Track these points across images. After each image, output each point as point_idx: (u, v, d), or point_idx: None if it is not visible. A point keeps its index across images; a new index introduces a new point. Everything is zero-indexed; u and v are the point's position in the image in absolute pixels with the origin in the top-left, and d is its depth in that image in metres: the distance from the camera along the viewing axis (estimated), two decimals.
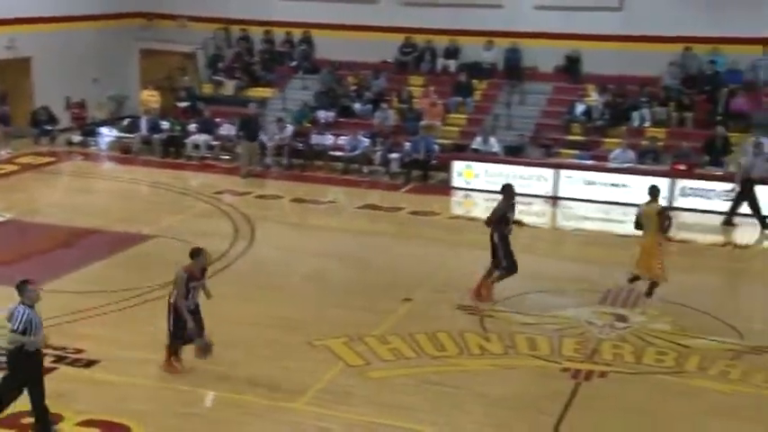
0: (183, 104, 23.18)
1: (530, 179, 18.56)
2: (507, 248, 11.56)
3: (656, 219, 11.49)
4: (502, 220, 11.60)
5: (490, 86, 22.30)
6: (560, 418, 8.33)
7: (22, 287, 7.69)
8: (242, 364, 9.40)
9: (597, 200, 17.92)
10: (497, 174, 18.68)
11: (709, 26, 20.13)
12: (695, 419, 8.40)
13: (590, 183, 18.23)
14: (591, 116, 20.41)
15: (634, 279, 11.96)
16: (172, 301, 9.20)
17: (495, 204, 11.88)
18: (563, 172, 18.51)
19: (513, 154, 19.47)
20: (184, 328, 9.09)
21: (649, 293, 11.72)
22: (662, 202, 12.56)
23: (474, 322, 10.92)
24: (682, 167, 17.77)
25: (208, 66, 24.58)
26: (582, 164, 18.84)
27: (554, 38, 21.62)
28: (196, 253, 9.31)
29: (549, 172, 18.55)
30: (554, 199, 18.34)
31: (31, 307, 7.64)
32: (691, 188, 17.37)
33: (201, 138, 21.21)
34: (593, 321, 11.05)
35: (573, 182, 18.36)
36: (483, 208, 18.50)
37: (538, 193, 18.41)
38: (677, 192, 17.48)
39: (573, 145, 19.93)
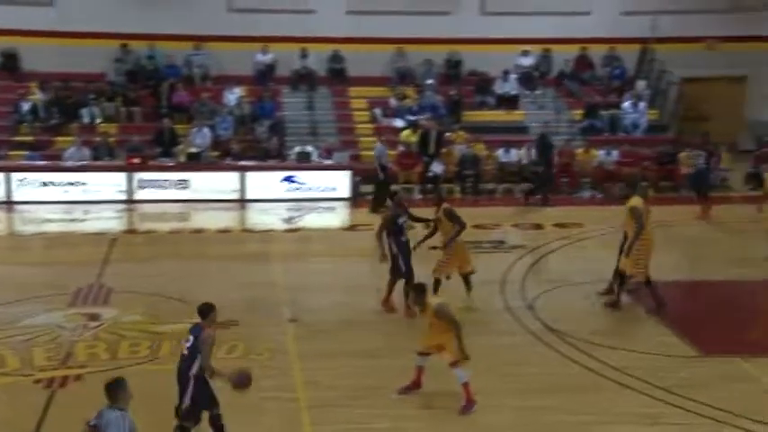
0: None
1: None
2: (406, 257, 11.23)
3: (449, 224, 11.53)
4: (395, 228, 11.26)
5: None
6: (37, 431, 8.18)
7: (116, 388, 6.28)
8: None
9: (56, 200, 17.54)
10: None
11: (144, 23, 20.92)
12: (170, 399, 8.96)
13: (46, 184, 17.74)
14: (38, 115, 19.75)
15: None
16: (194, 371, 7.46)
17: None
18: (15, 175, 17.68)
19: None
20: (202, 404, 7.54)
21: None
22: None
23: None
24: (136, 161, 18.35)
25: None
26: (35, 165, 18.21)
27: None
28: (210, 309, 7.72)
29: None
30: (8, 204, 17.44)
31: (125, 411, 6.25)
32: (146, 180, 18.04)
33: None
34: (65, 325, 10.92)
35: (27, 184, 17.67)
36: None
37: None
38: (135, 185, 18.00)
39: (24, 146, 19.09)
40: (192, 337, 7.60)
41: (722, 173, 19.13)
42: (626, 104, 21.24)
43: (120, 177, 17.91)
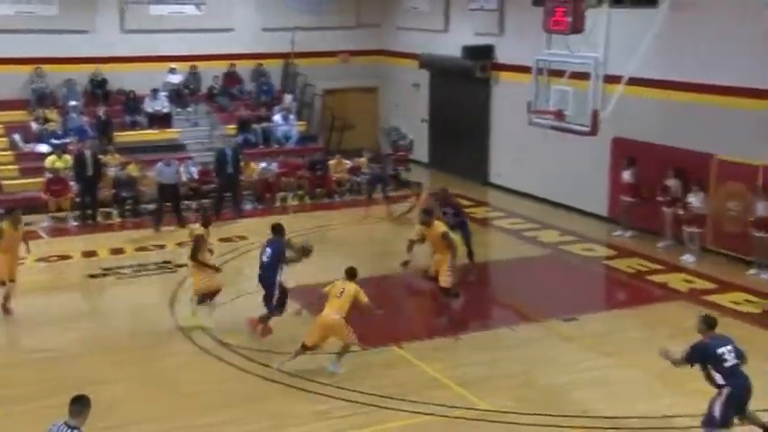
0: None
1: None
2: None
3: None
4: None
5: None
6: None
7: (79, 404, 6.50)
8: None
9: None
10: None
11: None
12: None
13: None
14: None
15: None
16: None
17: None
18: None
19: None
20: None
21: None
22: None
23: None
24: None
25: None
26: None
27: None
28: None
29: None
30: None
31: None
32: None
33: None
34: None
35: None
36: None
37: None
38: None
39: None
40: (269, 250, 11.18)
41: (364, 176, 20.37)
42: (277, 117, 22.09)
43: None
